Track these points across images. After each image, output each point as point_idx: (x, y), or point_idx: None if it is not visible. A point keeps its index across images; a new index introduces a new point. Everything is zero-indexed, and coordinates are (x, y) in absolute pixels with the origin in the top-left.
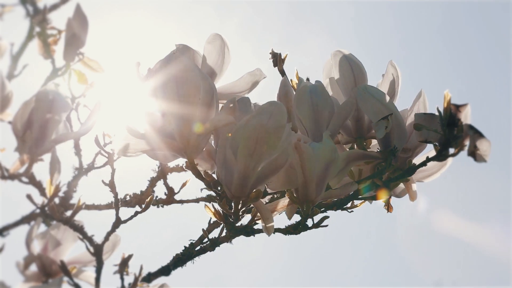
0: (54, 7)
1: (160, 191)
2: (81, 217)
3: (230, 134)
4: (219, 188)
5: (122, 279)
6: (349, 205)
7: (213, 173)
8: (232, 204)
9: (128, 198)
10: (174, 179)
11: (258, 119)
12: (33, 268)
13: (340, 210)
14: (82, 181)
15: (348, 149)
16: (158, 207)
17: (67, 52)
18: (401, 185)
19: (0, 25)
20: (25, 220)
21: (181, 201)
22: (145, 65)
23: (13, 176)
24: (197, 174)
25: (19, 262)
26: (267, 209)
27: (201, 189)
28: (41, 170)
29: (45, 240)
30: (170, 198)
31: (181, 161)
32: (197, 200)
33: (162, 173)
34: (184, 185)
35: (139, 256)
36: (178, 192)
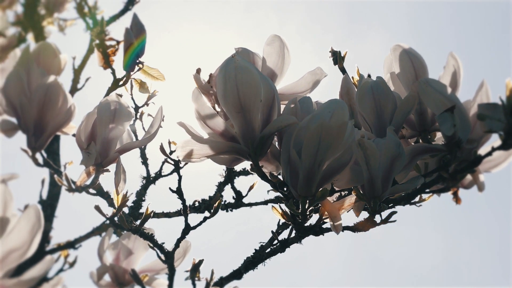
0: (113, 18)
1: (228, 195)
2: (152, 225)
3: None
4: (285, 189)
5: (194, 285)
6: (417, 199)
7: (279, 174)
8: (299, 204)
9: (197, 204)
10: (241, 183)
11: (320, 118)
12: (107, 278)
13: (408, 205)
14: (151, 189)
15: (413, 143)
16: (227, 211)
17: (126, 62)
18: (469, 176)
19: (63, 39)
20: (96, 231)
21: (250, 204)
22: (206, 70)
23: (80, 189)
24: (263, 176)
25: (93, 273)
26: (335, 208)
27: (268, 191)
28: (108, 180)
29: (116, 250)
30: (238, 201)
31: (248, 164)
32: (265, 202)
33: (229, 177)
34: (251, 188)
35: (210, 261)
36: (246, 195)
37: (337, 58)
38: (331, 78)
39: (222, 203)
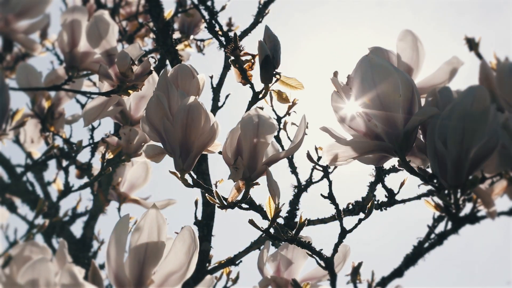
0: (245, 33)
1: (381, 194)
2: (309, 232)
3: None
4: (435, 181)
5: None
6: None
7: (427, 167)
8: (451, 194)
9: (350, 206)
10: (392, 180)
11: (461, 106)
12: None
13: None
14: (304, 197)
15: None
16: (381, 210)
17: (263, 75)
18: None
19: (202, 58)
20: (255, 245)
21: (403, 201)
22: (345, 72)
23: (232, 204)
24: (411, 171)
25: (256, 287)
26: (487, 194)
27: (418, 185)
28: (259, 193)
29: (276, 262)
30: (391, 199)
31: (396, 161)
32: (418, 197)
33: (379, 176)
34: (402, 184)
35: (368, 262)
36: (398, 192)
37: (472, 45)
38: (474, 63)
39: (375, 202)
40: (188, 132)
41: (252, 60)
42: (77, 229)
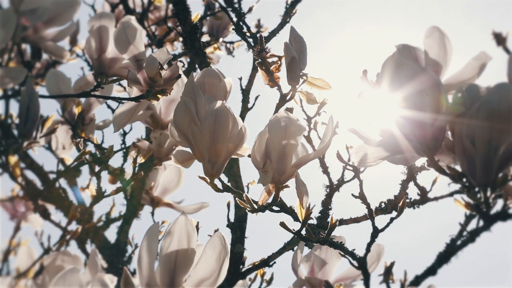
0: (273, 33)
1: (413, 191)
2: (343, 231)
3: None
4: (464, 179)
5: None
6: None
7: (457, 165)
8: (481, 193)
9: (383, 205)
10: (425, 177)
11: (488, 104)
12: None
13: None
14: (337, 196)
15: None
16: (414, 208)
17: (290, 76)
18: None
19: (232, 61)
20: (288, 246)
21: (436, 198)
22: (376, 70)
23: (263, 208)
24: (440, 170)
25: None
26: None
27: (448, 184)
28: (290, 195)
29: (310, 262)
30: (423, 197)
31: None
32: (451, 194)
33: (410, 175)
34: (434, 182)
35: (401, 261)
36: (430, 190)
37: (499, 40)
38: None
39: (408, 200)
40: (216, 137)
41: (279, 62)
42: (111, 234)
